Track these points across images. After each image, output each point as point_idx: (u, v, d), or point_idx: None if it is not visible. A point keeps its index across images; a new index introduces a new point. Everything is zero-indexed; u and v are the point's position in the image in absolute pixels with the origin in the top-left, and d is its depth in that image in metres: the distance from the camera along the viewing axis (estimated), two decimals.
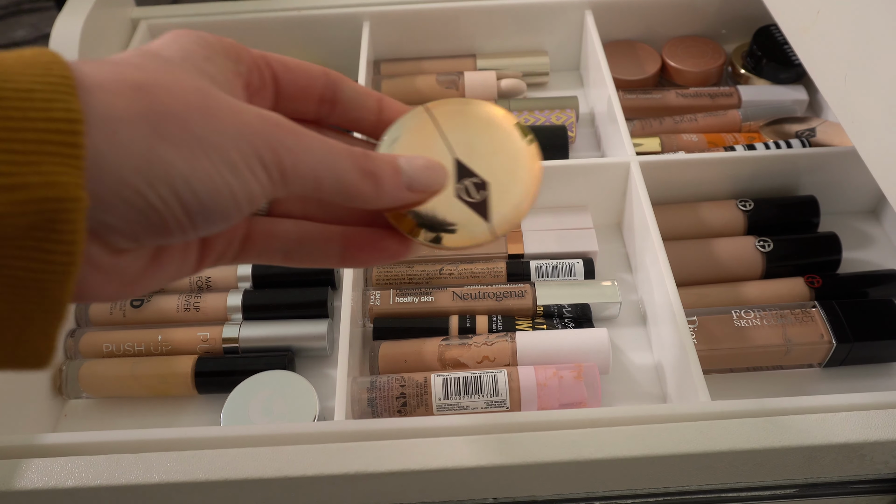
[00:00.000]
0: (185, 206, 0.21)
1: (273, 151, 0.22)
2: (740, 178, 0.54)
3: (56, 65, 0.19)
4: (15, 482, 0.34)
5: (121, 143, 0.19)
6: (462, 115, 0.29)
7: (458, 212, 0.28)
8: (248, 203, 0.22)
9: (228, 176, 0.21)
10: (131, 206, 0.20)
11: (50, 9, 1.46)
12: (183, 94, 0.21)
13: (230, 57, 0.25)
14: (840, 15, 0.39)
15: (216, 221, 0.22)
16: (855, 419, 0.35)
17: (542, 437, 0.35)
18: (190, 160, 0.20)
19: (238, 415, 0.43)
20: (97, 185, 0.19)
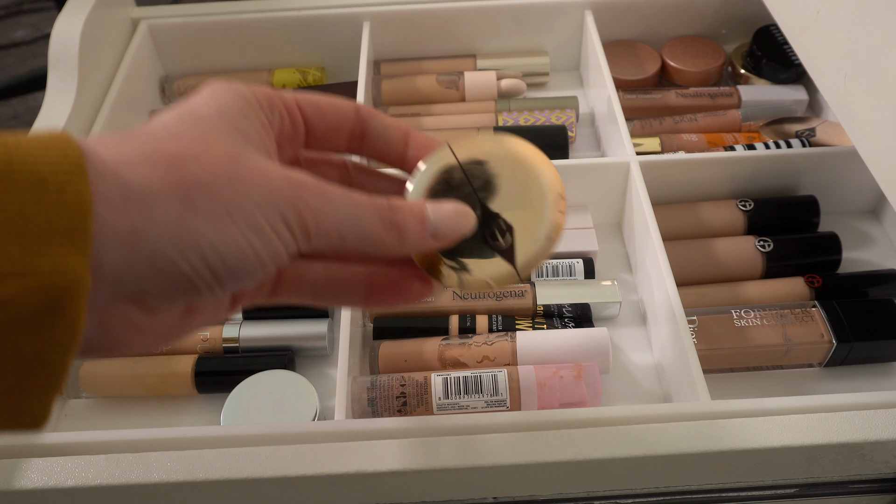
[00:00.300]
0: (213, 270, 0.22)
1: (297, 212, 0.23)
2: (740, 178, 0.54)
3: (70, 148, 0.20)
4: (15, 482, 0.34)
5: (154, 217, 0.21)
6: (486, 153, 0.29)
7: (484, 257, 0.28)
8: (273, 262, 0.24)
9: (254, 240, 0.23)
10: (165, 274, 0.22)
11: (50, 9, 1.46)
12: (212, 162, 0.22)
13: (264, 108, 0.26)
14: (840, 15, 0.39)
15: (243, 280, 0.23)
16: (855, 419, 0.35)
17: (542, 437, 0.35)
18: (218, 228, 0.22)
19: (238, 414, 0.43)
20: (134, 256, 0.21)
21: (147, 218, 0.21)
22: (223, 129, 0.24)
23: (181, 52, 0.66)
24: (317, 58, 0.68)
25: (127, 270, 0.21)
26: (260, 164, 0.24)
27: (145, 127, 0.23)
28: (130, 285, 0.21)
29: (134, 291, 0.22)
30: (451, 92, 0.64)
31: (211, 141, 0.23)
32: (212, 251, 0.22)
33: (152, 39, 0.66)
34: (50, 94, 0.55)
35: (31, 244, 0.18)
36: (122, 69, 0.61)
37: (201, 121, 0.24)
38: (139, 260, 0.21)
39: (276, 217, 0.23)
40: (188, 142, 0.23)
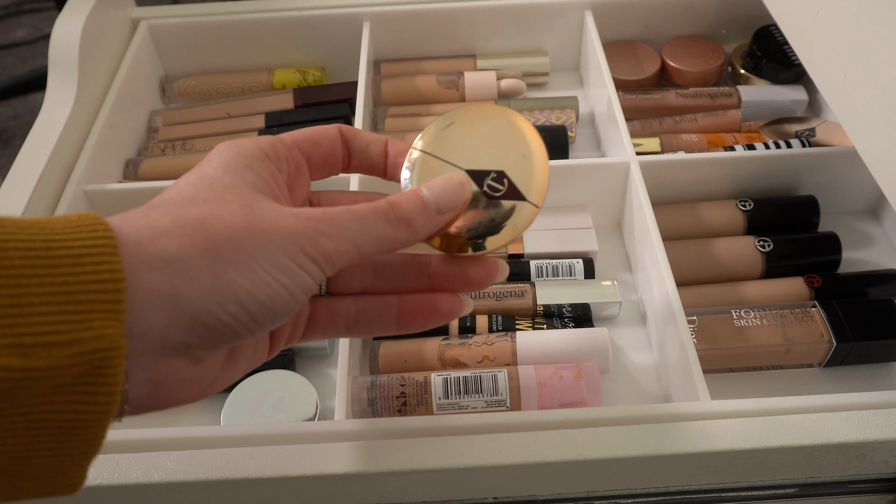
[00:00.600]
0: (251, 315, 0.24)
1: (315, 244, 0.25)
2: (740, 178, 0.54)
3: (100, 227, 0.22)
4: None
5: (192, 276, 0.23)
6: (447, 131, 0.31)
7: (496, 208, 0.30)
8: (305, 294, 0.26)
9: (283, 279, 0.25)
10: (207, 326, 0.23)
11: (50, 9, 1.46)
12: (231, 217, 0.24)
13: (269, 158, 0.28)
14: (840, 15, 0.39)
15: (280, 317, 0.25)
16: (855, 419, 0.35)
17: (542, 437, 0.35)
18: (249, 276, 0.24)
19: (238, 414, 0.43)
20: (178, 314, 0.23)
21: (186, 278, 0.23)
22: (232, 184, 0.26)
23: (181, 52, 0.66)
24: (317, 58, 0.68)
25: (172, 327, 0.23)
26: (270, 210, 0.26)
27: (164, 197, 0.26)
28: (177, 340, 0.23)
29: (180, 345, 0.23)
30: (451, 92, 0.64)
31: (224, 199, 0.25)
32: (248, 297, 0.24)
33: (152, 39, 0.66)
34: (50, 94, 0.55)
35: (73, 317, 0.20)
36: (122, 69, 0.61)
37: (212, 181, 0.26)
38: (183, 316, 0.23)
39: (299, 253, 0.25)
40: (205, 204, 0.25)
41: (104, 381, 0.21)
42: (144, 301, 0.22)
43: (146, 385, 0.24)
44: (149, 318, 0.22)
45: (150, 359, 0.23)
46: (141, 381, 0.23)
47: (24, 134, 0.53)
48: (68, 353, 0.20)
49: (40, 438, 0.21)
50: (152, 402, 0.24)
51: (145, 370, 0.23)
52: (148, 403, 0.24)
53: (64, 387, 0.20)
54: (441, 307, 0.31)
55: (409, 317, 0.31)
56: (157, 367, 0.24)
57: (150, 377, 0.24)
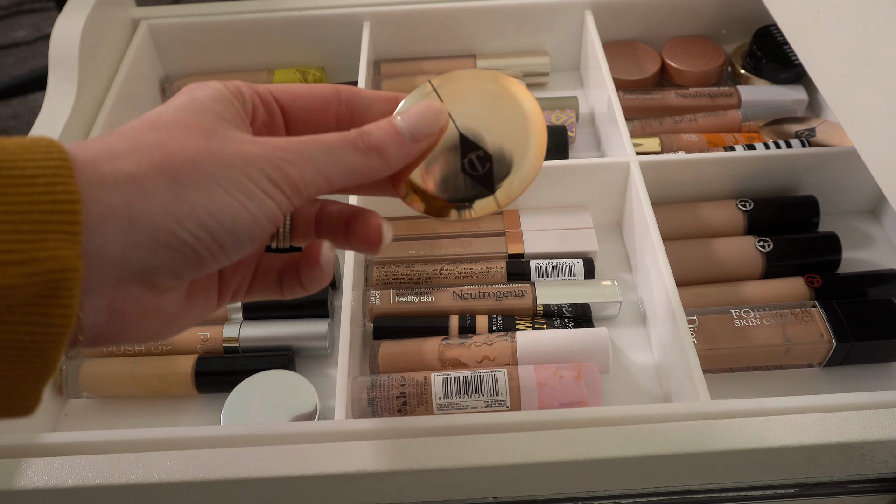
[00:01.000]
0: (213, 235, 0.24)
1: (279, 169, 0.25)
2: (740, 178, 0.54)
3: (55, 149, 0.21)
4: (15, 482, 0.34)
5: (148, 194, 0.22)
6: (466, 87, 0.30)
7: (465, 185, 0.29)
8: (269, 221, 0.25)
9: (245, 201, 0.24)
10: (168, 247, 0.23)
11: (50, 9, 1.46)
12: (191, 141, 0.24)
13: (236, 97, 0.27)
14: (840, 15, 0.39)
15: (245, 242, 0.25)
16: (855, 419, 0.35)
17: (542, 437, 0.35)
18: (209, 195, 0.23)
19: (238, 414, 0.43)
20: (136, 234, 0.22)
21: (141, 195, 0.22)
22: (197, 111, 0.25)
23: (181, 52, 0.66)
24: (317, 58, 0.68)
25: (131, 248, 0.22)
26: (232, 136, 0.25)
27: (127, 125, 0.25)
28: (136, 262, 0.22)
29: (141, 268, 0.23)
30: None
31: (186, 122, 0.25)
32: (208, 216, 0.23)
33: (152, 39, 0.66)
34: (50, 94, 0.55)
35: (27, 236, 0.20)
36: (122, 69, 0.61)
37: (176, 109, 0.25)
38: (141, 235, 0.22)
39: (261, 177, 0.24)
40: (165, 128, 0.24)
41: (60, 302, 0.20)
42: (99, 220, 0.21)
43: (103, 312, 0.23)
44: (105, 237, 0.22)
45: (109, 283, 0.23)
46: (98, 308, 0.23)
47: (24, 134, 0.52)
48: (21, 272, 0.20)
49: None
50: (109, 332, 0.24)
51: (103, 296, 0.23)
52: (104, 333, 0.24)
53: (17, 307, 0.20)
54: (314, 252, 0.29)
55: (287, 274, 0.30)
56: (116, 293, 0.23)
57: (108, 304, 0.23)
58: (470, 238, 0.53)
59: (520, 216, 0.54)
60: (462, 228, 0.54)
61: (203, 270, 0.25)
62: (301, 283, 0.30)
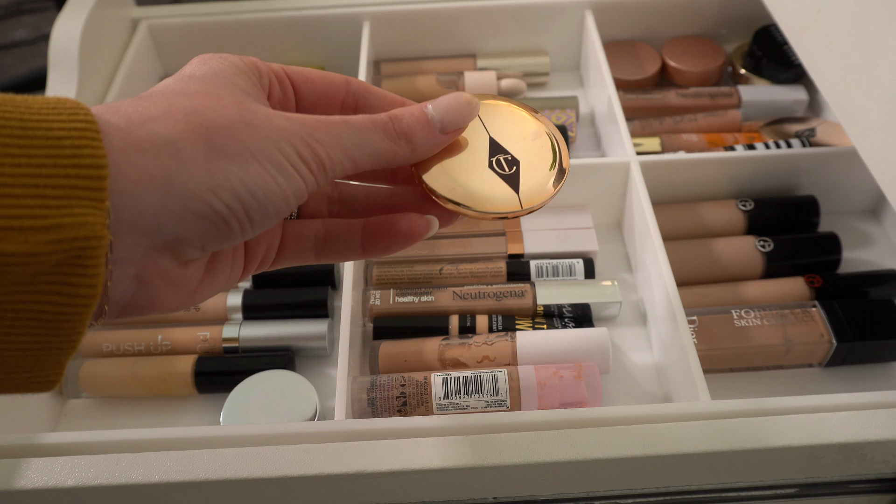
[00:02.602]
0: (245, 206, 0.23)
1: (309, 147, 0.24)
2: (740, 178, 0.54)
3: (81, 111, 0.20)
4: (15, 482, 0.34)
5: (185, 161, 0.22)
6: (500, 107, 0.31)
7: (490, 182, 0.29)
8: (296, 197, 0.25)
9: (277, 175, 0.24)
10: (200, 216, 0.22)
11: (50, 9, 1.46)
12: (224, 109, 0.23)
13: (253, 72, 0.27)
14: (840, 15, 0.39)
15: (271, 217, 0.24)
16: (855, 419, 0.35)
17: (542, 437, 0.35)
18: (244, 166, 0.23)
19: (238, 414, 0.43)
20: (170, 200, 0.22)
21: (179, 162, 0.22)
22: (222, 84, 0.25)
23: (181, 52, 0.66)
24: (317, 58, 0.68)
25: (164, 215, 0.22)
26: (262, 109, 0.25)
27: (152, 90, 0.24)
28: (168, 231, 0.22)
29: (171, 238, 0.22)
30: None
31: (217, 94, 0.24)
32: (242, 187, 0.23)
33: (152, 39, 0.66)
34: (50, 95, 0.55)
35: (52, 202, 0.19)
36: (122, 69, 0.61)
37: (201, 79, 0.25)
38: (176, 204, 0.22)
39: (293, 153, 0.24)
40: (196, 96, 0.24)
41: (85, 272, 0.20)
42: (136, 185, 0.21)
43: (131, 282, 0.22)
44: (140, 203, 0.21)
45: (139, 253, 0.22)
46: (126, 277, 0.22)
47: None
48: (45, 238, 0.19)
49: (15, 330, 0.20)
50: (135, 303, 0.23)
51: (132, 265, 0.22)
52: (131, 304, 0.23)
53: (41, 276, 0.19)
54: (401, 227, 0.29)
55: (372, 238, 0.30)
56: (145, 263, 0.22)
57: (137, 273, 0.22)
58: (470, 238, 0.53)
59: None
60: (462, 228, 0.54)
61: (228, 243, 0.24)
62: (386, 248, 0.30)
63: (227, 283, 0.28)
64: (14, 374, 0.21)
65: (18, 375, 0.21)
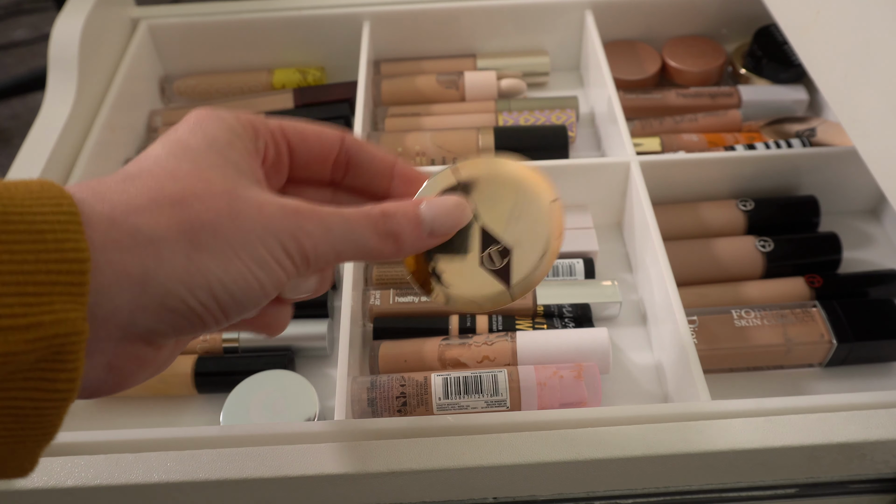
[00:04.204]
0: (221, 304, 0.23)
1: (295, 240, 0.24)
2: (740, 177, 0.54)
3: (65, 200, 0.20)
4: (15, 482, 0.34)
5: (164, 259, 0.22)
6: (488, 175, 0.30)
7: (481, 278, 0.29)
8: (275, 289, 0.25)
9: (258, 271, 0.24)
10: (175, 312, 0.22)
11: (50, 9, 1.46)
12: (213, 200, 0.23)
13: (249, 136, 0.26)
14: (840, 15, 0.39)
15: (248, 310, 0.24)
16: (855, 419, 0.35)
17: (542, 437, 0.35)
18: (224, 264, 0.23)
19: (238, 414, 0.43)
20: (146, 298, 0.21)
21: (158, 261, 0.22)
22: (215, 163, 0.25)
23: (181, 52, 0.66)
24: (317, 58, 0.68)
25: (139, 311, 0.22)
26: (255, 196, 0.24)
27: (142, 165, 0.24)
28: (142, 325, 0.22)
29: (145, 331, 0.22)
30: (451, 92, 0.64)
31: (208, 177, 0.24)
32: (219, 286, 0.23)
33: (152, 39, 0.66)
34: (50, 94, 0.55)
35: (32, 299, 0.19)
36: (122, 69, 0.61)
37: (194, 155, 0.24)
38: (151, 301, 0.22)
39: (277, 248, 0.24)
40: (186, 180, 0.23)
41: (64, 367, 0.20)
42: (113, 283, 0.21)
43: (103, 370, 0.22)
44: (116, 300, 0.21)
45: (111, 344, 0.22)
46: (99, 366, 0.22)
47: (24, 134, 0.53)
48: (25, 337, 0.18)
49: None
50: (106, 387, 0.23)
51: (104, 354, 0.22)
52: (102, 388, 0.23)
53: (19, 373, 0.19)
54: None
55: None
56: (118, 352, 0.22)
57: (109, 362, 0.22)
58: None
59: None
60: None
61: (203, 333, 0.24)
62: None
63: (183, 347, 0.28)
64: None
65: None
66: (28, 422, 0.20)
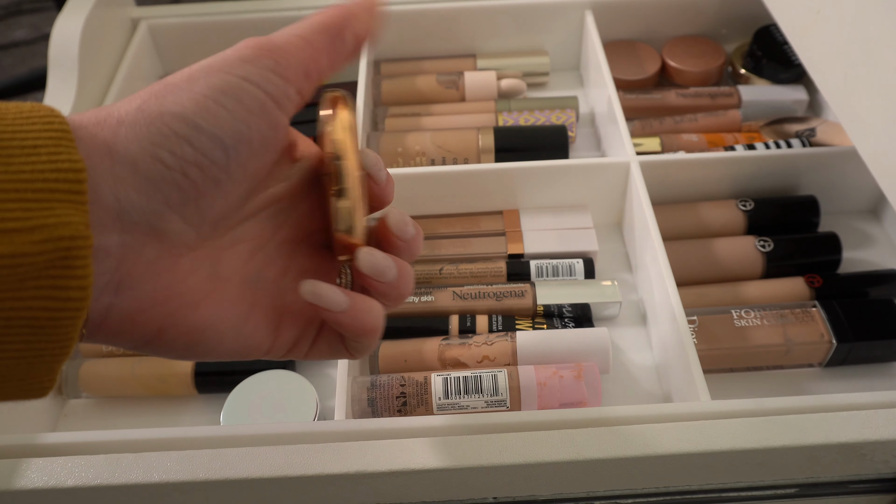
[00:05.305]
0: (196, 147, 0.22)
1: (251, 50, 0.24)
2: (740, 177, 0.54)
3: (56, 119, 0.20)
4: (15, 482, 0.34)
5: (126, 126, 0.22)
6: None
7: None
8: (258, 115, 0.23)
9: (219, 95, 0.23)
10: (152, 178, 0.22)
11: (50, 9, 1.46)
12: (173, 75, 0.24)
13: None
14: (840, 15, 0.39)
15: (235, 148, 0.23)
16: (855, 419, 0.35)
17: (542, 437, 0.35)
18: (178, 102, 0.22)
19: (238, 414, 0.43)
20: (118, 170, 0.21)
21: (117, 126, 0.22)
22: None
23: (181, 52, 0.66)
24: None
25: (119, 186, 0.21)
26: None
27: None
28: (129, 203, 0.22)
29: (138, 212, 0.22)
30: (451, 92, 0.64)
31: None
32: (180, 124, 0.22)
33: (152, 39, 0.66)
34: (50, 94, 0.55)
35: (33, 204, 0.19)
36: (122, 69, 0.61)
37: None
38: (123, 170, 0.21)
39: (240, 64, 0.24)
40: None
41: (74, 273, 0.19)
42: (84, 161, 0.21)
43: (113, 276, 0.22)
44: (93, 178, 0.21)
45: (112, 238, 0.21)
46: (106, 271, 0.22)
47: None
48: (31, 239, 0.19)
49: (9, 338, 0.20)
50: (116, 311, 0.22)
51: (109, 255, 0.22)
52: (111, 316, 0.22)
53: (30, 280, 0.19)
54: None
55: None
56: (124, 254, 0.22)
57: (116, 266, 0.22)
58: (470, 238, 0.53)
59: (520, 216, 0.54)
60: (462, 228, 0.54)
61: (209, 201, 0.23)
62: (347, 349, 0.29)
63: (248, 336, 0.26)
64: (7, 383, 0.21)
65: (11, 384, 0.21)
66: (44, 333, 0.20)
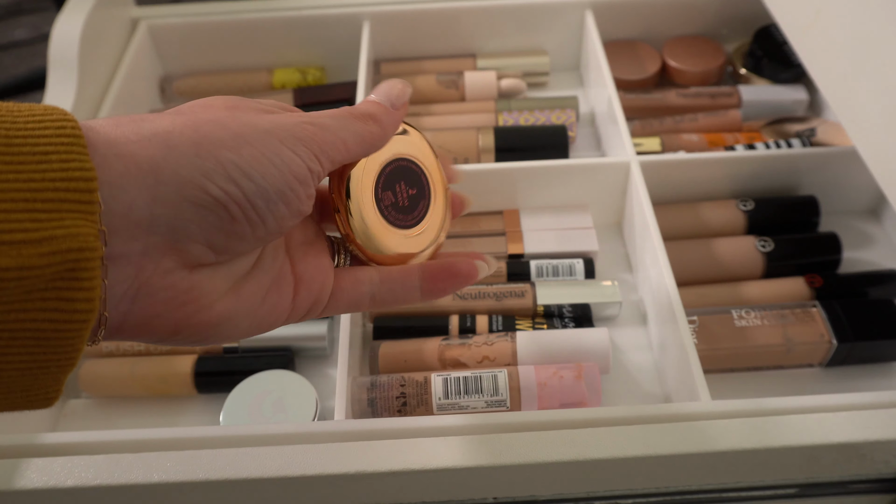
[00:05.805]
0: (243, 190, 0.23)
1: (303, 130, 0.25)
2: (740, 177, 0.54)
3: (68, 124, 0.20)
4: (15, 482, 0.34)
5: (174, 148, 0.21)
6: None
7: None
8: (298, 178, 0.24)
9: (273, 157, 0.23)
10: (196, 204, 0.22)
11: (50, 9, 1.46)
12: (214, 111, 0.24)
13: None
14: (840, 15, 0.39)
15: (276, 203, 0.24)
16: (855, 419, 0.35)
17: (542, 437, 0.35)
18: (235, 150, 0.23)
19: (238, 414, 0.43)
20: (162, 190, 0.21)
21: (166, 150, 0.21)
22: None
23: (181, 52, 0.66)
24: (317, 58, 0.68)
25: (157, 205, 0.21)
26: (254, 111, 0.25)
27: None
28: (164, 223, 0.21)
29: (170, 231, 0.22)
30: (451, 92, 0.64)
31: (211, 105, 0.25)
32: (236, 169, 0.22)
33: (152, 39, 0.66)
34: (50, 94, 0.55)
35: (42, 215, 0.19)
36: (122, 69, 0.61)
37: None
38: (167, 191, 0.21)
39: (289, 137, 0.24)
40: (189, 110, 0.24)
41: (81, 285, 0.19)
42: (123, 175, 0.20)
43: (129, 287, 0.21)
44: (129, 192, 0.20)
45: (136, 248, 0.21)
46: (124, 279, 0.21)
47: None
48: (38, 251, 0.18)
49: (13, 350, 0.19)
50: (133, 317, 0.22)
51: (131, 265, 0.21)
52: (128, 321, 0.22)
53: (36, 292, 0.19)
54: (461, 269, 0.30)
55: (433, 281, 0.30)
56: (145, 264, 0.22)
57: (135, 275, 0.22)
58: (470, 238, 0.53)
59: (520, 216, 0.54)
60: (462, 229, 0.54)
61: (239, 241, 0.24)
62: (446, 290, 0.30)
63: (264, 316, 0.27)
64: (11, 394, 0.21)
65: (16, 395, 0.21)
66: (49, 346, 0.20)
